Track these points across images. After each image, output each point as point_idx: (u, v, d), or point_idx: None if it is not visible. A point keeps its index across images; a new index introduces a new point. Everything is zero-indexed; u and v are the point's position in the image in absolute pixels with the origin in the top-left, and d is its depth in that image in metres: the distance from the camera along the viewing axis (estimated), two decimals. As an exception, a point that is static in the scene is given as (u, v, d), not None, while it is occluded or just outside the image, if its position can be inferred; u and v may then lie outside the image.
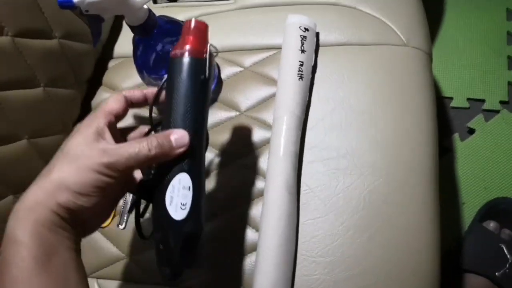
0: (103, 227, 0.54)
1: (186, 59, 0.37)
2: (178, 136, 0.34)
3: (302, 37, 0.54)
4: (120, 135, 0.40)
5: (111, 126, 0.36)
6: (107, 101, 0.37)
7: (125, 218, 0.54)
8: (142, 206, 0.41)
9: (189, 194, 0.36)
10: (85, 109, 0.62)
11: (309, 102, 0.54)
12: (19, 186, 0.49)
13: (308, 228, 0.48)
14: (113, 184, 0.33)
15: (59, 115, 0.55)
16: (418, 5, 0.62)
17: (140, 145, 0.33)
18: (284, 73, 0.53)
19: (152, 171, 0.38)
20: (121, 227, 0.54)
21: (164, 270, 0.36)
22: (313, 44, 0.55)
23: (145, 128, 0.42)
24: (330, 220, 0.48)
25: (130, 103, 0.39)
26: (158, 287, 0.50)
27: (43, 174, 0.33)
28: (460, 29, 1.04)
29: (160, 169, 0.36)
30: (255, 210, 0.51)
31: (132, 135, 0.41)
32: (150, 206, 0.38)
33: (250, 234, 0.50)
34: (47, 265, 0.29)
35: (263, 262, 0.44)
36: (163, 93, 0.38)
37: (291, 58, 0.53)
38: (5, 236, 0.30)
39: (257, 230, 0.50)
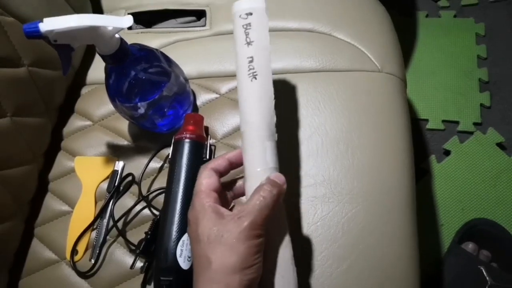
0: (76, 261, 0.51)
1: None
2: (276, 175, 0.38)
3: (245, 26, 0.42)
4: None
5: (219, 199, 0.38)
6: (200, 181, 0.38)
7: (97, 251, 0.52)
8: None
9: None
10: (56, 138, 0.60)
11: (281, 116, 0.54)
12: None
13: (287, 259, 0.47)
14: (263, 241, 0.35)
15: (27, 144, 0.53)
16: (391, 32, 0.63)
17: (262, 194, 0.35)
18: (238, 79, 0.43)
19: (149, 232, 0.48)
20: (93, 261, 0.51)
21: None
22: (263, 26, 0.43)
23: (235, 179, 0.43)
24: (309, 250, 0.47)
25: (219, 173, 0.40)
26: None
27: (202, 269, 0.33)
28: (433, 53, 1.07)
29: (169, 227, 0.45)
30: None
31: (237, 186, 0.42)
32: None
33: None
34: None
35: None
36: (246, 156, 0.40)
37: (239, 58, 0.43)
38: None
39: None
